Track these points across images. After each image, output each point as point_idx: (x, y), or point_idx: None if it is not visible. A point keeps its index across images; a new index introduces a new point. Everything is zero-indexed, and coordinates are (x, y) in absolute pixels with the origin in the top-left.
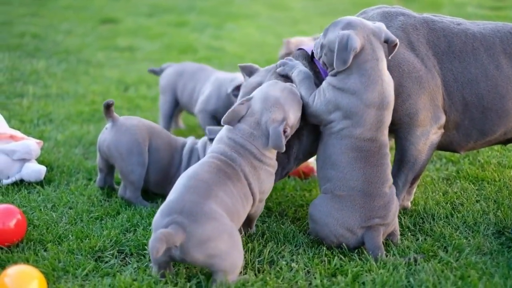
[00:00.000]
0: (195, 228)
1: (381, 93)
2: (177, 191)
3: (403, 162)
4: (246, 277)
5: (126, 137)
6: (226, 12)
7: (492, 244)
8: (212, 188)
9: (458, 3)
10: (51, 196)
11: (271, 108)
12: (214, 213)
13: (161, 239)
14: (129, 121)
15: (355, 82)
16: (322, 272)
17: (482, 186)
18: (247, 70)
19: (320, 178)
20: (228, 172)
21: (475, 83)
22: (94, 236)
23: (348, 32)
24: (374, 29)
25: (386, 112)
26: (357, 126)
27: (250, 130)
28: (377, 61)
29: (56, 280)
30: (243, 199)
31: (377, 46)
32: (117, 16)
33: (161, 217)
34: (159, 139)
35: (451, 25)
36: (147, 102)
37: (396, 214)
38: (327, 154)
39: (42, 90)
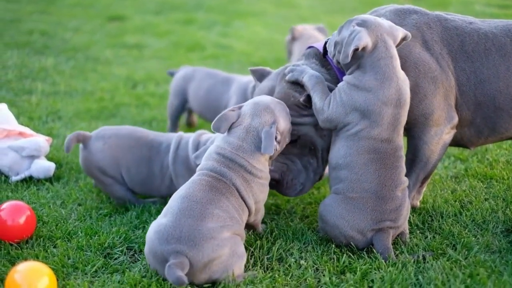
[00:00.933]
0: (196, 254)
1: (397, 90)
2: (172, 214)
3: (415, 161)
4: (255, 273)
5: (97, 157)
6: (234, 9)
7: (501, 242)
8: (206, 207)
9: (465, 1)
10: (60, 193)
11: (261, 113)
12: (212, 232)
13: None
14: (96, 143)
15: (370, 79)
16: (331, 270)
17: (491, 184)
18: (258, 74)
19: (331, 178)
20: (219, 187)
21: (487, 83)
22: (103, 233)
23: (360, 29)
24: (388, 28)
25: (403, 111)
26: (375, 125)
27: (238, 143)
28: (391, 58)
29: (65, 276)
30: (239, 210)
31: (390, 45)
32: (125, 13)
33: (158, 243)
34: (130, 154)
35: (463, 24)
36: (155, 99)
37: (407, 217)
38: (341, 155)
39: (51, 87)
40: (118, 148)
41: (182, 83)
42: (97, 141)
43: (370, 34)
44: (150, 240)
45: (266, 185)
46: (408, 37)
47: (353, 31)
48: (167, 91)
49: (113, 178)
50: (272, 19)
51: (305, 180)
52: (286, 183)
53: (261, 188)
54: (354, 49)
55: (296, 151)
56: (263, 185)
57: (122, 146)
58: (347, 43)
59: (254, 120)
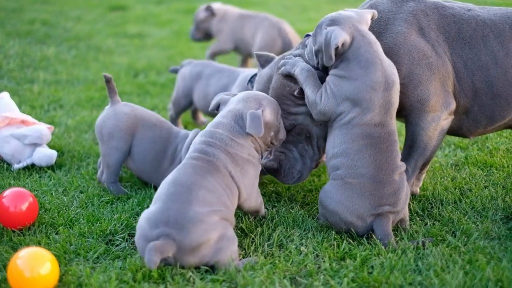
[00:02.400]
0: (184, 237)
1: (383, 73)
2: (160, 200)
3: (413, 147)
4: (255, 259)
5: (111, 121)
6: None
7: (500, 229)
8: (192, 189)
9: None
10: (62, 181)
11: (248, 99)
12: (199, 215)
13: (155, 250)
14: (122, 107)
15: (355, 68)
16: (331, 256)
17: (491, 172)
18: (262, 59)
19: (329, 167)
20: (205, 166)
21: (485, 70)
22: (105, 219)
23: (333, 28)
24: (357, 16)
25: (393, 93)
26: (367, 111)
27: (218, 119)
28: (370, 44)
29: (67, 262)
30: (227, 190)
31: (366, 31)
32: (126, 3)
33: (149, 228)
34: (148, 131)
35: (461, 11)
36: (157, 88)
37: (406, 202)
38: (336, 143)
39: (53, 76)
40: (141, 120)
41: (190, 82)
42: (126, 106)
43: (344, 29)
44: (141, 227)
45: (255, 164)
46: (375, 14)
47: (327, 33)
48: (169, 80)
49: (118, 143)
50: (273, 8)
51: (302, 167)
52: (284, 171)
53: (248, 164)
54: (335, 48)
55: (292, 139)
56: (250, 162)
57: (145, 120)
58: (326, 46)
59: (238, 104)
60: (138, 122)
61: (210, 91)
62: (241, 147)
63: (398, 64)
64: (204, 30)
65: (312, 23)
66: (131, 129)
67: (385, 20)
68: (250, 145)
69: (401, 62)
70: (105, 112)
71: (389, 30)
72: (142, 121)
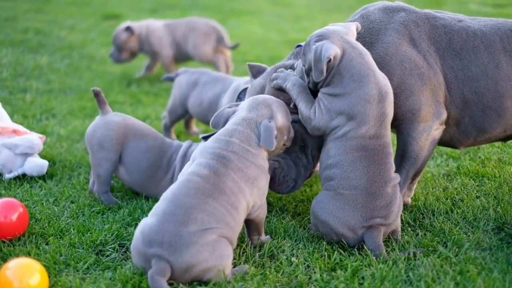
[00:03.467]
0: (176, 259)
1: (376, 84)
2: (158, 216)
3: (405, 157)
4: (246, 268)
5: (101, 131)
6: (229, 8)
7: (492, 239)
8: (190, 213)
9: (460, 0)
10: (53, 190)
11: (258, 106)
12: (193, 236)
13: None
14: (112, 117)
15: (349, 82)
16: (322, 267)
17: (483, 182)
18: (254, 70)
19: (323, 178)
20: (209, 188)
21: (475, 81)
22: (95, 230)
23: (322, 43)
24: (344, 29)
25: (387, 104)
26: (362, 124)
27: (233, 127)
28: (361, 55)
29: (57, 273)
30: (231, 209)
31: (355, 43)
32: (120, 12)
33: (143, 244)
34: (141, 141)
35: (452, 22)
36: (150, 98)
37: (398, 214)
38: (330, 154)
39: (45, 86)
40: (132, 130)
41: (186, 90)
42: (116, 116)
43: (333, 42)
44: (136, 238)
45: (265, 170)
46: (359, 27)
47: (316, 48)
48: (161, 89)
49: (108, 154)
50: (267, 18)
51: (297, 176)
52: (278, 179)
53: (259, 172)
54: (327, 61)
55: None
56: (261, 171)
57: (137, 130)
58: (317, 60)
59: (251, 113)
60: (129, 132)
61: (204, 98)
62: (255, 156)
63: (390, 74)
64: (129, 50)
65: (305, 32)
66: (121, 139)
67: (377, 30)
68: (264, 154)
69: (393, 72)
70: (95, 121)
71: (381, 40)
72: (133, 131)
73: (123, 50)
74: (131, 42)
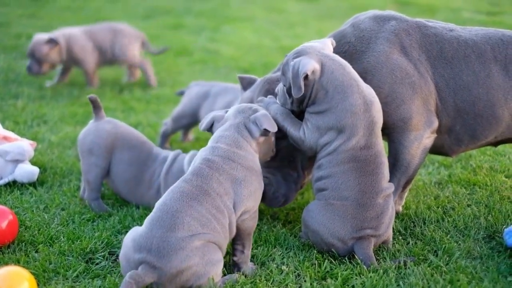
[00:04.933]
0: (164, 265)
1: (360, 94)
2: (147, 224)
3: (396, 166)
4: (235, 276)
5: (91, 137)
6: (223, 14)
7: (482, 248)
8: (176, 217)
9: (454, 8)
10: (43, 198)
11: (244, 110)
12: (181, 242)
13: (130, 283)
14: (104, 124)
15: (333, 95)
16: (312, 275)
17: (474, 190)
18: (245, 82)
19: (315, 189)
20: (193, 191)
21: (466, 90)
22: (85, 237)
23: (299, 59)
24: (321, 44)
25: (374, 112)
26: (352, 136)
27: (221, 133)
28: (342, 66)
29: (46, 281)
30: (217, 213)
31: (333, 55)
32: (114, 18)
33: (132, 250)
34: (126, 151)
35: (443, 31)
36: (141, 104)
37: (390, 225)
38: (322, 167)
39: (37, 92)
40: (121, 139)
41: (196, 101)
42: (108, 123)
43: (311, 57)
44: (126, 246)
45: (258, 174)
46: (333, 42)
47: (294, 64)
48: (153, 96)
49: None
50: (261, 24)
51: (287, 191)
52: (268, 196)
53: (251, 175)
54: (304, 76)
55: (276, 164)
56: (252, 171)
57: (125, 139)
58: (294, 76)
59: (237, 118)
60: (117, 141)
61: (215, 108)
62: (242, 158)
63: (381, 83)
64: (51, 62)
65: (299, 39)
66: (110, 147)
67: (367, 39)
68: (253, 154)
69: (384, 81)
70: (87, 127)
71: (371, 49)
72: (122, 140)
73: (44, 63)
74: (52, 54)
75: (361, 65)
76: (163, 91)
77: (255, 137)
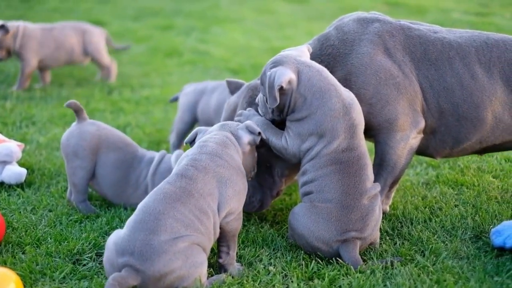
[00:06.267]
0: (147, 268)
1: (338, 98)
2: (129, 227)
3: (383, 166)
4: (222, 277)
5: (75, 140)
6: (213, 16)
7: (469, 248)
8: (159, 219)
9: (443, 9)
10: (31, 199)
11: (229, 124)
12: (164, 245)
13: (114, 285)
14: (87, 126)
15: (312, 101)
16: (299, 276)
17: (461, 190)
18: (232, 86)
19: (301, 194)
20: (176, 192)
21: (450, 91)
22: (72, 239)
23: (276, 69)
24: (297, 52)
25: (354, 114)
26: (333, 139)
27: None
28: (319, 72)
29: (33, 283)
30: (200, 215)
31: (310, 62)
32: (104, 19)
33: (115, 254)
34: (111, 153)
35: (427, 32)
36: (131, 105)
37: (376, 227)
38: (306, 173)
39: (26, 93)
40: (105, 141)
41: (194, 98)
42: (91, 125)
43: (287, 67)
44: (108, 249)
45: (243, 176)
46: (310, 49)
47: (270, 75)
48: (142, 97)
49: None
50: (250, 25)
51: (262, 196)
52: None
53: (236, 176)
54: (278, 88)
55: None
56: (238, 172)
57: (110, 141)
58: (270, 87)
59: (222, 130)
60: (102, 143)
61: (212, 103)
62: (230, 157)
63: (365, 84)
64: (6, 48)
65: (288, 40)
66: (94, 149)
67: (351, 41)
68: (240, 159)
69: (368, 82)
70: (70, 130)
71: (355, 51)
72: (106, 142)
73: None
74: (6, 41)
75: (345, 67)
76: (152, 92)
77: (243, 143)
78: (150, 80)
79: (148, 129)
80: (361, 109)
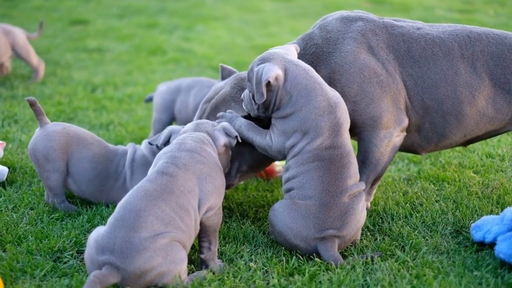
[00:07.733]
0: (128, 265)
1: (324, 96)
2: (109, 224)
3: (365, 163)
4: (203, 273)
5: (43, 143)
6: (197, 14)
7: (450, 243)
8: (140, 216)
9: (427, 6)
10: (12, 197)
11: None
12: (144, 242)
13: (95, 282)
14: (52, 127)
15: (297, 99)
16: (280, 272)
17: (442, 186)
18: (225, 72)
19: (283, 190)
20: (157, 189)
21: (434, 88)
22: (54, 236)
23: (263, 65)
24: (284, 50)
25: (339, 113)
26: (316, 137)
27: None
28: (305, 70)
29: (13, 280)
30: (181, 212)
31: (297, 61)
32: (87, 17)
33: (95, 252)
34: (85, 149)
35: (411, 29)
36: (114, 103)
37: (357, 227)
38: (290, 169)
39: (9, 91)
40: (75, 138)
41: (169, 97)
42: (56, 125)
43: (275, 63)
44: (89, 246)
45: (221, 172)
46: (297, 48)
47: (258, 70)
48: (126, 95)
49: (55, 164)
50: (235, 23)
51: None
52: None
53: (215, 172)
54: (266, 83)
55: None
56: (217, 168)
57: (80, 138)
58: (257, 83)
59: (197, 130)
60: (72, 140)
61: (190, 102)
62: (209, 154)
63: (349, 82)
64: None
65: (273, 38)
66: (65, 148)
67: (334, 40)
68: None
69: (352, 80)
70: (35, 134)
71: (339, 50)
72: (76, 139)
73: None
74: None
75: (329, 66)
76: (136, 90)
77: (219, 145)
78: (133, 78)
79: (131, 127)
80: (346, 108)
